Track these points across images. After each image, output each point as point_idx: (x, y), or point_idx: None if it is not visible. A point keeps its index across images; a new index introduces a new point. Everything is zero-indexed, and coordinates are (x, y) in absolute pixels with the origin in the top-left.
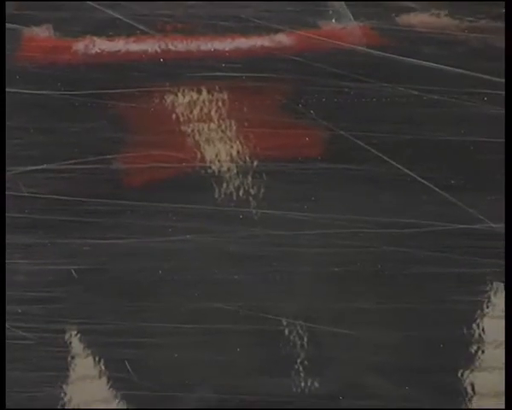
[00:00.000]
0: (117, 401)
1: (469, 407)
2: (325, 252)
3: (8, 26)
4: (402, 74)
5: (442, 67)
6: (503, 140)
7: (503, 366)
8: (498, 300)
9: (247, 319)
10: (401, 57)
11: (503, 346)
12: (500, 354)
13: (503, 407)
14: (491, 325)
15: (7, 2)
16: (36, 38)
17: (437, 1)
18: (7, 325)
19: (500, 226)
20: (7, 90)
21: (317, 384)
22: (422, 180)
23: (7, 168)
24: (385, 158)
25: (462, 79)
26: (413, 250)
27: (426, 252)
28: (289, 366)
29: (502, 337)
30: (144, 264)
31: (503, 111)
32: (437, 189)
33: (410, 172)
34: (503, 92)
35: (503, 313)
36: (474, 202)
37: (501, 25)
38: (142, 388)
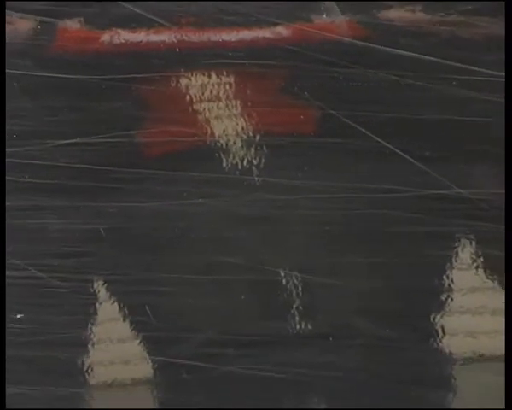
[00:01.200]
0: (138, 340)
1: (440, 345)
2: (317, 213)
3: (44, 19)
4: (383, 62)
5: (417, 55)
6: (469, 118)
7: (470, 310)
8: (465, 254)
9: (250, 270)
10: (382, 47)
11: (470, 294)
12: (466, 301)
13: (468, 344)
14: (459, 276)
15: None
16: (68, 29)
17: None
18: (45, 276)
19: (466, 192)
20: (45, 74)
21: (310, 327)
22: (400, 152)
23: (45, 141)
24: (368, 134)
25: (433, 65)
26: (393, 212)
27: (404, 213)
28: (286, 311)
29: (468, 286)
30: (163, 224)
31: (470, 93)
32: (413, 160)
33: (389, 146)
34: (470, 77)
35: (469, 266)
36: (444, 171)
37: (467, 19)
38: (159, 329)
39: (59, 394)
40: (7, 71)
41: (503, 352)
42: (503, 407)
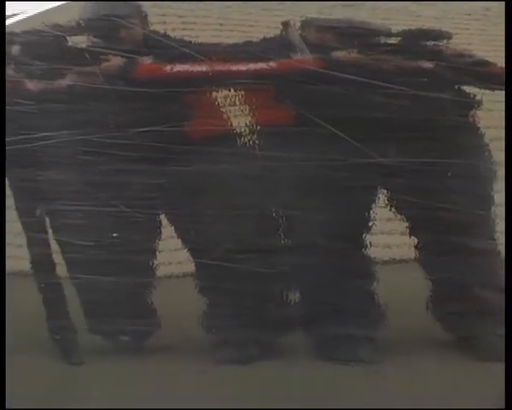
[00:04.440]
0: (186, 249)
1: (367, 253)
2: (295, 174)
3: (131, 55)
4: (334, 81)
5: (355, 77)
6: (386, 115)
7: (386, 232)
8: (383, 198)
9: (254, 208)
10: (334, 73)
11: (386, 222)
12: (384, 226)
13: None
14: (379, 211)
15: None
16: (144, 63)
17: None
18: (129, 210)
19: (385, 160)
20: (130, 89)
21: (289, 241)
22: (346, 137)
23: (129, 129)
24: (326, 125)
25: (366, 84)
26: (339, 173)
27: (347, 174)
28: (275, 232)
29: (385, 217)
30: (202, 179)
31: (387, 100)
32: (352, 141)
33: (339, 132)
34: (388, 91)
35: (386, 205)
36: (372, 148)
37: (386, 57)
38: (199, 243)
39: (135, 283)
40: (109, 87)
41: (408, 257)
42: (410, 296)
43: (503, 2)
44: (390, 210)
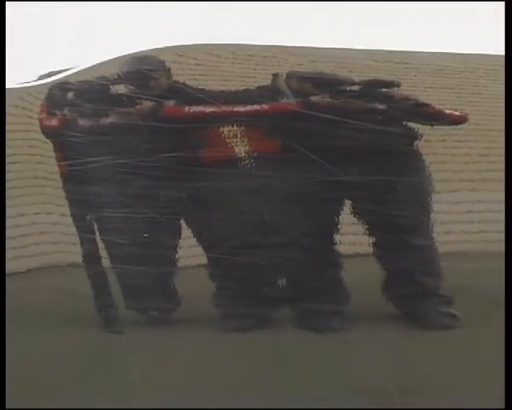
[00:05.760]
0: (200, 246)
1: (336, 249)
2: (282, 188)
3: (159, 99)
4: (312, 119)
5: (328, 116)
6: (351, 144)
7: (351, 233)
8: (347, 207)
9: (252, 213)
10: (312, 112)
11: (350, 225)
12: (348, 229)
13: None
14: (344, 217)
15: None
16: (168, 105)
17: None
18: (157, 216)
19: (350, 178)
20: (157, 124)
21: (278, 239)
22: (321, 161)
23: (156, 155)
24: (305, 152)
25: (336, 121)
26: (315, 188)
27: (320, 188)
28: (267, 232)
29: (349, 222)
30: (212, 193)
31: (352, 133)
32: (325, 163)
33: (315, 157)
34: (354, 126)
35: (350, 212)
36: (339, 168)
37: (352, 100)
38: (210, 240)
39: (161, 271)
40: (142, 123)
41: (367, 252)
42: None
43: (436, 58)
44: (354, 216)
